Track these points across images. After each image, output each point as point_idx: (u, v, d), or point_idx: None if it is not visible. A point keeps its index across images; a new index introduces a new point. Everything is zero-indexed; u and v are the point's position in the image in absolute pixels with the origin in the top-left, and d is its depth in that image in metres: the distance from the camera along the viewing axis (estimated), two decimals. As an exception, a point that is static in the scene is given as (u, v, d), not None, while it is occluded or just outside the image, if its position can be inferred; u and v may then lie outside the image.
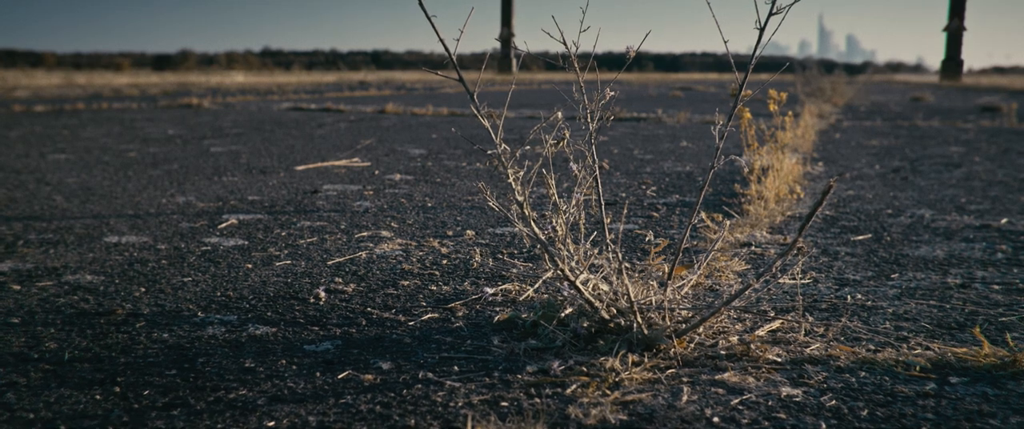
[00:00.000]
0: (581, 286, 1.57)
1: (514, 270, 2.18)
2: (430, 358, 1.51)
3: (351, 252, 2.38)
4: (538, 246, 1.59)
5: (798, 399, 1.32)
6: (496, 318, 1.73)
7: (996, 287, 2.01)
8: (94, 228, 2.71)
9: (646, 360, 1.48)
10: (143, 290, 1.96)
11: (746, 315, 1.75)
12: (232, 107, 10.19)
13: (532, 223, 1.57)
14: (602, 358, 1.47)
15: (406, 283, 2.04)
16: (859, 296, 1.93)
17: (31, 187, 3.60)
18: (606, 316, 1.57)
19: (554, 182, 1.65)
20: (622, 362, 1.46)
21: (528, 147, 1.65)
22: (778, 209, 3.04)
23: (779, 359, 1.50)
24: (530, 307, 1.79)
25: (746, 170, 3.67)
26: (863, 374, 1.43)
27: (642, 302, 1.60)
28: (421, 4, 1.50)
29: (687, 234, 1.69)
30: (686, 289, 1.74)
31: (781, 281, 2.04)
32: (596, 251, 1.74)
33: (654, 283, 1.69)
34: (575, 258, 1.64)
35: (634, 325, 1.53)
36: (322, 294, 1.93)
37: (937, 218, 2.97)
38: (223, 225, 2.77)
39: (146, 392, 1.35)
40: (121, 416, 1.26)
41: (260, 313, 1.79)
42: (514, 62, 1.63)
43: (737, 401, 1.31)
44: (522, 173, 1.61)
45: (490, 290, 1.95)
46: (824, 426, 1.23)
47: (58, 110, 9.12)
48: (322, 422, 1.24)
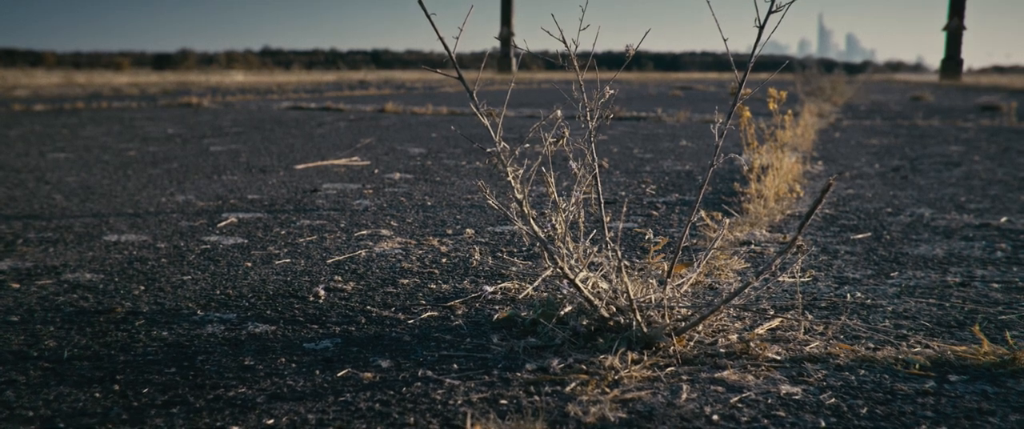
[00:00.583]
0: (580, 284, 1.57)
1: (513, 268, 2.18)
2: (429, 356, 1.51)
3: (351, 250, 2.38)
4: (537, 244, 1.59)
5: (797, 397, 1.32)
6: (495, 316, 1.73)
7: (995, 285, 2.01)
8: (94, 227, 2.71)
9: (645, 358, 1.48)
10: (142, 288, 1.96)
11: (746, 313, 1.75)
12: (232, 106, 10.19)
13: (531, 221, 1.57)
14: (601, 356, 1.47)
15: (406, 281, 2.04)
16: (859, 294, 1.93)
17: (31, 186, 3.59)
18: (605, 314, 1.57)
19: (553, 180, 1.65)
20: (621, 360, 1.46)
21: (527, 145, 1.65)
22: (778, 208, 3.04)
23: (778, 357, 1.50)
24: (529, 305, 1.79)
25: (746, 169, 3.67)
26: (862, 372, 1.43)
27: (641, 300, 1.60)
28: (421, 2, 1.50)
29: (686, 232, 1.69)
30: (686, 287, 1.74)
31: (781, 279, 2.04)
32: (595, 249, 1.74)
33: (653, 281, 1.69)
34: (574, 256, 1.64)
35: (633, 323, 1.53)
36: (322, 292, 1.93)
37: (937, 217, 2.97)
38: (223, 224, 2.77)
39: (145, 390, 1.35)
40: (120, 414, 1.26)
41: (260, 311, 1.79)
42: (514, 61, 1.63)
43: (736, 399, 1.31)
44: (521, 172, 1.61)
45: (489, 288, 1.95)
46: (823, 424, 1.23)
47: (58, 109, 9.12)
48: (321, 420, 1.24)
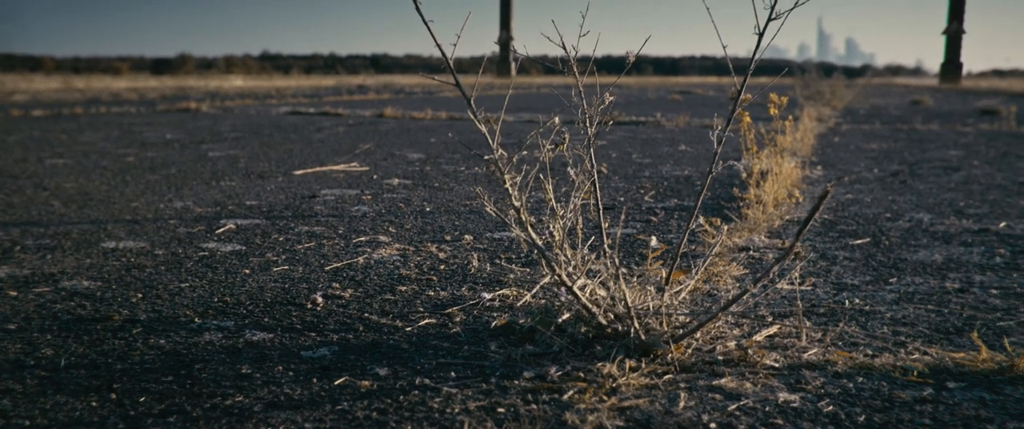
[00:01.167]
0: (578, 291, 1.57)
1: (512, 275, 2.18)
2: (427, 364, 1.51)
3: (349, 257, 2.38)
4: (536, 251, 1.59)
5: (795, 405, 1.32)
6: (493, 324, 1.73)
7: (994, 292, 2.01)
8: (91, 233, 2.70)
9: (643, 366, 1.48)
10: (140, 296, 1.95)
11: (744, 320, 1.75)
12: (231, 111, 10.19)
13: (529, 228, 1.57)
14: (599, 364, 1.47)
15: (404, 288, 2.04)
16: (857, 301, 1.92)
17: (29, 192, 3.59)
18: (603, 321, 1.57)
19: (552, 187, 1.65)
20: (619, 368, 1.46)
21: (525, 152, 1.64)
22: (776, 213, 3.04)
23: (777, 364, 1.49)
24: (528, 312, 1.78)
25: (744, 174, 3.67)
26: (861, 379, 1.43)
27: (639, 307, 1.60)
28: (418, 9, 1.50)
29: (685, 239, 1.69)
30: (684, 294, 1.74)
31: (779, 286, 2.03)
32: (594, 256, 1.74)
33: (652, 288, 1.68)
34: (573, 263, 1.64)
35: (631, 331, 1.53)
36: (319, 300, 1.93)
37: (935, 222, 2.97)
38: (221, 230, 2.77)
39: (142, 399, 1.34)
40: (117, 423, 1.25)
41: (257, 319, 1.79)
42: (513, 66, 1.63)
43: (734, 407, 1.31)
44: (519, 178, 1.61)
45: (487, 295, 1.94)
46: (822, 432, 1.22)
47: (56, 114, 9.12)
48: (318, 429, 1.24)
